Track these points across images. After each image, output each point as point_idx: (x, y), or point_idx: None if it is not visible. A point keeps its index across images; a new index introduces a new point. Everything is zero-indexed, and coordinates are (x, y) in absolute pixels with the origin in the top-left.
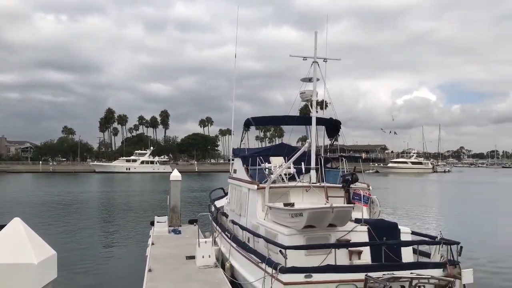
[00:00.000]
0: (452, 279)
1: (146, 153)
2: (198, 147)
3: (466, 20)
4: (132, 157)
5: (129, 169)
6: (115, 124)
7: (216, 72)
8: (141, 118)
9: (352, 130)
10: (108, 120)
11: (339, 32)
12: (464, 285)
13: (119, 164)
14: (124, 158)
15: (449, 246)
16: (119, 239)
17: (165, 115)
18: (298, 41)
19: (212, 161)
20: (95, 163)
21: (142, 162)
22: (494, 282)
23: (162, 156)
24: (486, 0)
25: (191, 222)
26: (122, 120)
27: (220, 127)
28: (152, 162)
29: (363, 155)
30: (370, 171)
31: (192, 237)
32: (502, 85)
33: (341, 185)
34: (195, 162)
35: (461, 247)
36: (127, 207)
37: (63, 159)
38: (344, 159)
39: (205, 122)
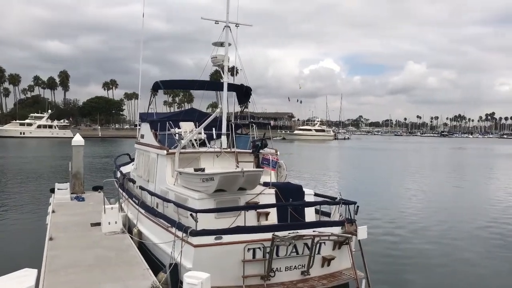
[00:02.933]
0: (349, 235)
1: (43, 117)
2: (102, 111)
3: None
4: (27, 121)
5: (24, 133)
6: (6, 84)
7: (121, 32)
8: (36, 79)
9: (262, 98)
10: None
11: None
12: (359, 240)
13: (12, 128)
14: (17, 121)
15: (347, 206)
16: (14, 209)
17: (64, 76)
18: (210, 3)
19: (117, 126)
20: None
21: (39, 126)
22: (385, 236)
23: (62, 120)
24: None
25: (96, 189)
26: (14, 79)
27: (125, 90)
28: (50, 127)
29: (272, 122)
30: (278, 137)
31: (97, 204)
32: (398, 59)
33: (251, 151)
34: (99, 127)
35: (358, 207)
36: (23, 175)
37: None
38: (254, 126)
39: (109, 84)
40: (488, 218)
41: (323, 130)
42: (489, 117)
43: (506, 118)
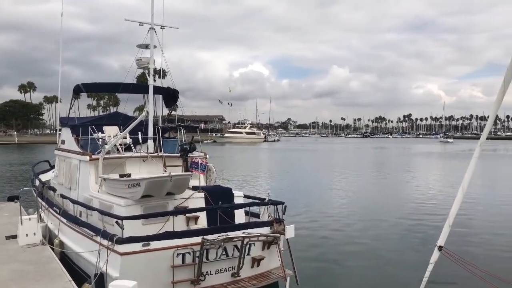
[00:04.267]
0: (277, 235)
1: None
2: (18, 116)
3: (294, 0)
4: None
5: None
6: None
7: (40, 32)
8: None
9: (192, 101)
10: None
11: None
12: (287, 239)
13: None
14: None
15: (275, 206)
16: None
17: None
18: (137, 4)
19: (36, 131)
20: None
21: None
22: (312, 234)
23: None
24: None
25: (11, 199)
26: None
27: (45, 93)
28: None
29: (202, 125)
30: (208, 141)
31: (13, 215)
32: (323, 63)
33: (179, 155)
34: (15, 132)
35: (285, 207)
36: None
37: None
38: (182, 129)
39: (26, 87)
40: (406, 214)
41: (253, 133)
42: (406, 118)
43: (421, 119)
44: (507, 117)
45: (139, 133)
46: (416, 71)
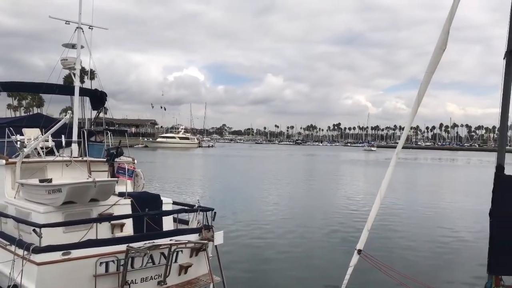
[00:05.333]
0: (205, 241)
1: None
2: None
3: (231, 7)
4: None
5: None
6: None
7: None
8: None
9: (123, 103)
10: None
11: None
12: (216, 245)
13: None
14: None
15: (204, 213)
16: None
17: None
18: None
19: None
20: None
21: None
22: (241, 240)
23: None
24: None
25: None
26: None
27: None
28: None
29: (133, 130)
30: (140, 145)
31: None
32: (258, 71)
33: (105, 159)
34: None
35: (215, 213)
36: None
37: None
38: (109, 133)
39: None
40: (331, 219)
41: (187, 138)
42: (336, 127)
43: (350, 128)
44: (427, 128)
45: (63, 136)
46: (346, 82)
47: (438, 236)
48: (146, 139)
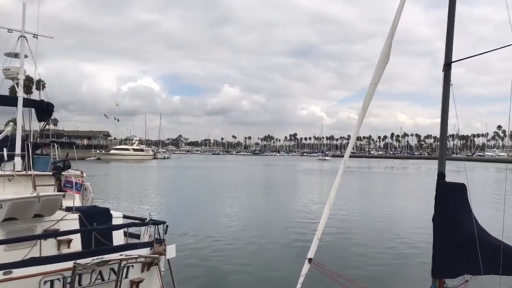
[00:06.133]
0: (157, 255)
1: None
2: None
3: (186, 18)
4: None
5: None
6: None
7: None
8: None
9: (75, 115)
10: None
11: (61, 8)
12: (168, 260)
13: None
14: None
15: (156, 226)
16: None
17: None
18: (11, 7)
19: None
20: None
21: None
22: (195, 253)
23: None
24: (204, 3)
25: None
26: None
27: None
28: None
29: (85, 141)
30: (92, 158)
31: None
32: (215, 82)
33: (51, 173)
34: None
35: (167, 226)
36: None
37: None
38: (56, 145)
39: None
40: (287, 229)
41: (141, 150)
42: (292, 137)
43: (306, 138)
44: (379, 137)
45: (4, 149)
46: (301, 93)
47: (388, 243)
48: (98, 151)
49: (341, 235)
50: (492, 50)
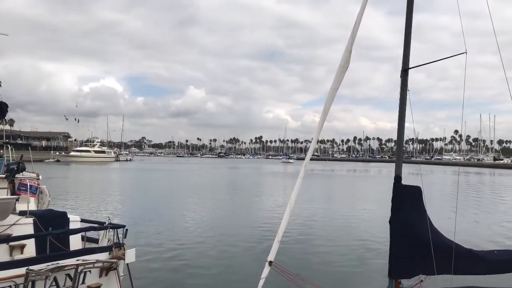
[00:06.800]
0: (115, 260)
1: None
2: None
3: (151, 18)
4: None
5: None
6: None
7: None
8: None
9: (33, 115)
10: None
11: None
12: (127, 264)
13: None
14: None
15: (115, 230)
16: None
17: None
18: None
19: None
20: None
21: None
22: (156, 256)
23: None
24: (169, 3)
25: None
26: None
27: None
28: None
29: (43, 143)
30: (51, 160)
31: None
32: (180, 83)
33: (4, 175)
34: None
35: (127, 230)
36: None
37: None
38: (10, 146)
39: None
40: (250, 232)
41: (103, 152)
42: (258, 140)
43: (271, 141)
44: (342, 141)
45: None
46: (267, 96)
47: (348, 244)
48: (58, 153)
49: (303, 237)
50: (445, 58)
